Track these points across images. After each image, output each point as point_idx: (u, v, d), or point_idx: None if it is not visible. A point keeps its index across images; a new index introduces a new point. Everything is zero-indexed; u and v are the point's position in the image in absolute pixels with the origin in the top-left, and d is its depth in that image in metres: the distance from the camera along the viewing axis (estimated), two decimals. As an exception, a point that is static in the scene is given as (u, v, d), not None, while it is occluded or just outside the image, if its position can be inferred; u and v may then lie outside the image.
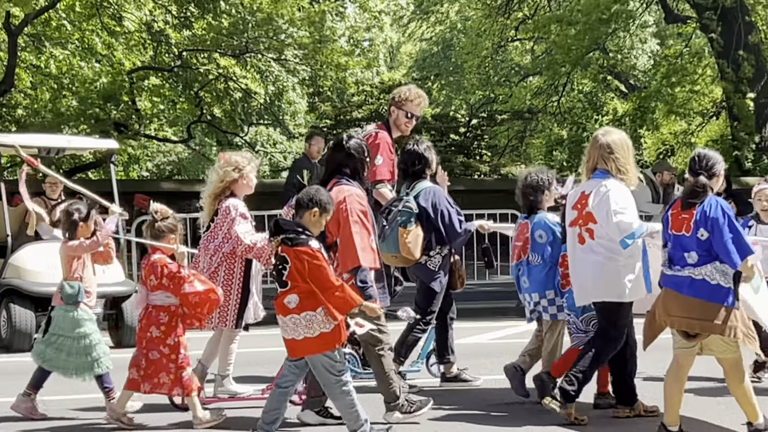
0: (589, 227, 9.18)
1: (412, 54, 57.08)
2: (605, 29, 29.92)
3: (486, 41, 35.39)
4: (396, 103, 10.85)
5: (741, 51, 26.26)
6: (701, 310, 8.21)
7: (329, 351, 8.01)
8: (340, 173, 8.94)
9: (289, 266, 7.96)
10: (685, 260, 8.29)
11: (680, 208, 8.43)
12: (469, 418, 9.43)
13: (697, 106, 33.44)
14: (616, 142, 9.27)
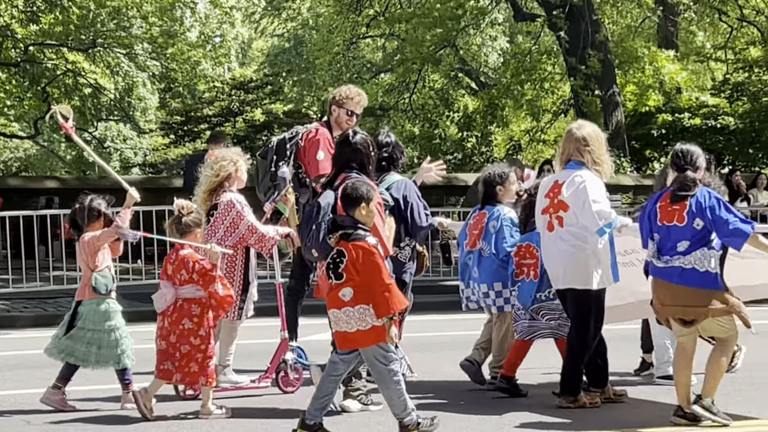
0: (559, 215, 9.47)
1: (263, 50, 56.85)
2: (456, 26, 30.15)
3: (337, 38, 35.39)
4: (337, 102, 11.14)
5: (589, 49, 26.72)
6: (694, 297, 8.66)
7: (381, 343, 8.22)
8: (349, 168, 9.13)
9: (346, 260, 8.23)
10: (675, 249, 8.71)
11: (669, 201, 8.82)
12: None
13: (547, 103, 33.95)
14: (591, 135, 9.58)
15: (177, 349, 9.27)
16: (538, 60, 30.45)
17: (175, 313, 9.32)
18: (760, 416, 9.27)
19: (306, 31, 47.99)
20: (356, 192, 8.44)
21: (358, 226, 8.36)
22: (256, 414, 9.55)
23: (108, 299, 9.67)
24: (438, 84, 40.27)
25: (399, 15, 31.78)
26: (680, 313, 8.78)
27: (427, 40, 29.74)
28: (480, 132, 33.16)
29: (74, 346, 9.60)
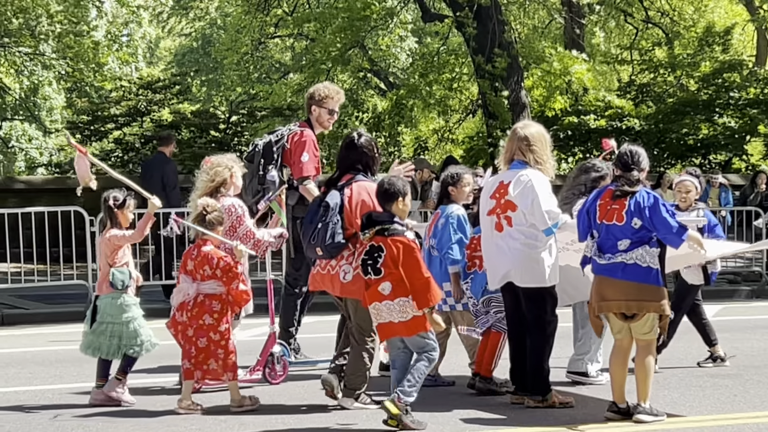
0: (507, 215, 9.55)
1: (171, 49, 56.46)
2: (365, 27, 30.16)
3: (245, 37, 35.16)
4: (317, 102, 11.26)
5: (496, 49, 26.86)
6: (638, 292, 8.84)
7: (422, 332, 8.67)
8: (354, 169, 9.44)
9: (385, 255, 8.60)
10: (616, 248, 8.87)
11: (610, 199, 8.97)
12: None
13: (455, 103, 34.08)
14: (534, 134, 9.68)
15: (193, 343, 9.50)
16: (446, 60, 30.55)
17: (195, 308, 9.55)
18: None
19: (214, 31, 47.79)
20: (393, 187, 8.82)
21: (395, 221, 8.73)
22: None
23: (124, 294, 9.91)
24: (347, 84, 40.25)
25: (307, 15, 31.71)
26: (623, 307, 8.92)
27: (335, 40, 29.69)
28: (388, 132, 33.18)
29: (99, 341, 9.87)
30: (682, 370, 11.46)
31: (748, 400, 9.90)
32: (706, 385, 10.59)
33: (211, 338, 9.50)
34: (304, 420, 9.26)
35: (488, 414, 9.40)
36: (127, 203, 10.03)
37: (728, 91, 31.83)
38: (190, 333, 9.51)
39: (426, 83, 29.63)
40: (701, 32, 35.30)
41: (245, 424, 9.08)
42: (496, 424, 9.05)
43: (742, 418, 9.14)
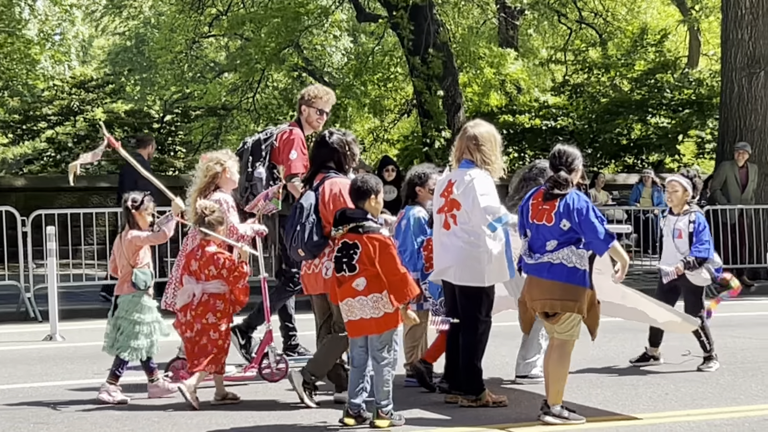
0: (453, 213, 9.56)
1: (105, 48, 56.02)
2: (299, 26, 30.10)
3: (179, 37, 35.02)
4: (306, 102, 11.37)
5: (431, 49, 26.92)
6: (561, 291, 8.80)
7: (391, 330, 8.76)
8: (326, 167, 9.51)
9: (360, 251, 8.67)
10: (545, 248, 8.85)
11: (541, 199, 8.94)
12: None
13: (390, 103, 34.12)
14: (483, 134, 9.65)
15: (195, 343, 9.69)
16: (381, 60, 30.58)
17: (200, 307, 9.71)
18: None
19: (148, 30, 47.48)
20: (366, 184, 8.91)
21: (368, 218, 8.81)
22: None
23: (145, 295, 10.05)
24: (282, 84, 40.15)
25: (242, 15, 31.59)
26: (548, 306, 8.88)
27: (270, 39, 29.60)
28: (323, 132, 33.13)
29: (118, 338, 9.98)
30: (616, 369, 11.52)
31: (679, 398, 9.96)
32: (639, 384, 10.65)
33: (210, 337, 9.69)
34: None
35: (425, 413, 9.40)
36: (144, 204, 10.16)
37: (661, 91, 32.13)
38: (190, 333, 9.71)
39: (360, 83, 29.63)
40: (635, 33, 35.58)
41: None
42: (430, 424, 9.04)
43: (675, 416, 9.21)
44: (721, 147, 21.87)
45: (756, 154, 21.05)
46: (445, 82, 27.60)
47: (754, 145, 21.17)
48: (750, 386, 10.41)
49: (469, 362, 9.58)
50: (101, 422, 9.14)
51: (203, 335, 9.69)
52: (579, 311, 8.82)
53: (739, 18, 21.54)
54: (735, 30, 21.65)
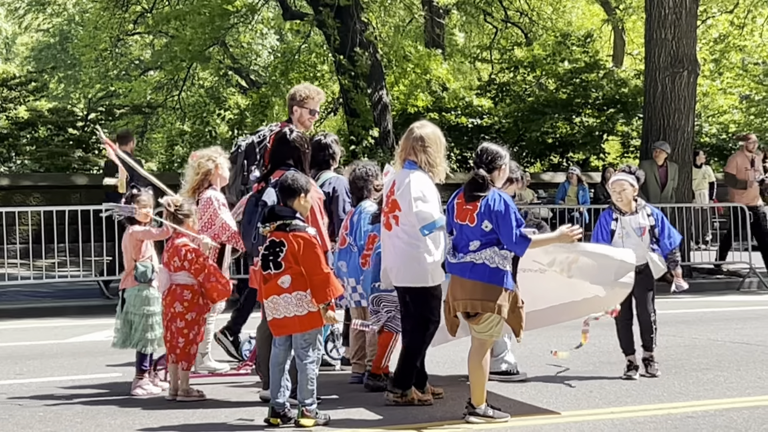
0: (395, 214, 9.56)
1: (28, 45, 55.38)
2: (225, 24, 29.94)
3: (104, 34, 34.71)
4: (298, 102, 11.25)
5: (357, 48, 26.90)
6: (482, 291, 8.79)
7: (314, 329, 8.77)
8: (285, 165, 9.51)
9: (286, 249, 8.70)
10: (468, 248, 8.85)
11: (464, 200, 8.93)
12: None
13: (316, 101, 34.03)
14: (429, 135, 9.60)
15: (168, 329, 9.90)
16: (307, 58, 30.52)
17: (168, 296, 9.94)
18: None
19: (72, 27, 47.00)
20: (296, 183, 8.92)
21: (296, 216, 8.84)
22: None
23: (149, 287, 10.17)
24: (208, 82, 39.94)
25: (167, 12, 31.37)
26: (469, 306, 8.88)
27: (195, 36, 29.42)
28: (251, 131, 33.04)
29: (128, 332, 10.13)
30: (542, 367, 11.57)
31: (603, 396, 10.02)
32: (564, 382, 10.70)
33: (178, 325, 9.86)
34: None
35: (362, 411, 9.43)
36: (136, 199, 10.25)
37: (586, 90, 32.37)
38: (167, 320, 9.91)
39: (287, 81, 29.55)
40: (560, 34, 35.80)
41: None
42: (357, 425, 9.02)
43: (598, 413, 9.26)
44: (645, 146, 22.05)
45: (679, 153, 21.25)
46: (371, 80, 27.59)
47: (677, 144, 21.38)
48: (673, 384, 10.49)
49: (409, 360, 9.58)
50: (24, 423, 9.02)
51: (171, 324, 9.87)
52: (499, 312, 8.81)
53: (663, 18, 21.73)
54: (659, 30, 21.84)
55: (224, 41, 33.74)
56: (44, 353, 12.92)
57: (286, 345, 8.88)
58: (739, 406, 9.47)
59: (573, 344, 11.02)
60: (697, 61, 22.59)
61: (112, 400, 9.84)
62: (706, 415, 9.15)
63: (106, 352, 11.62)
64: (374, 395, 10.02)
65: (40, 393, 10.32)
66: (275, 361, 8.88)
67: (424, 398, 9.68)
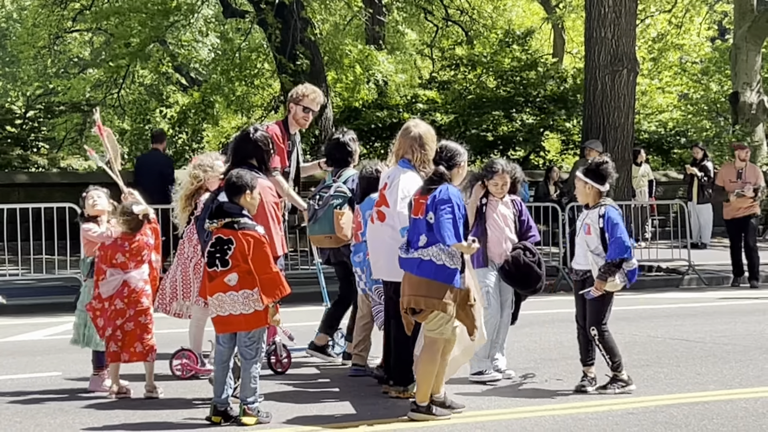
0: (381, 209, 9.75)
1: (-35, 43, 54.78)
2: (165, 22, 29.76)
3: (42, 31, 34.41)
4: (294, 100, 11.58)
5: (298, 45, 26.85)
6: (426, 288, 8.80)
7: (259, 327, 8.78)
8: (246, 164, 9.52)
9: (234, 247, 8.66)
10: (417, 243, 8.88)
11: (420, 194, 9.02)
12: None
13: (257, 99, 33.95)
14: (425, 134, 9.76)
15: (121, 329, 9.83)
16: (248, 57, 30.42)
17: (133, 294, 9.85)
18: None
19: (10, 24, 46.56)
20: (241, 180, 8.89)
21: (244, 214, 8.81)
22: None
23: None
24: (147, 80, 39.69)
25: (106, 11, 31.13)
26: (414, 302, 8.90)
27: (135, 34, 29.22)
28: (192, 129, 32.89)
29: (82, 330, 10.18)
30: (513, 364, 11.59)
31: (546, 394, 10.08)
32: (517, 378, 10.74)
33: (143, 321, 9.85)
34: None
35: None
36: (86, 195, 10.27)
37: (526, 88, 32.51)
38: (121, 320, 9.80)
39: (227, 80, 29.44)
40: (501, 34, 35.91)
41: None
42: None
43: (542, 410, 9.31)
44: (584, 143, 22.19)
45: (618, 150, 21.41)
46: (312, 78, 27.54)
47: (617, 142, 21.55)
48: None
49: (399, 355, 9.72)
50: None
51: (129, 323, 9.81)
52: (443, 309, 8.81)
53: (603, 16, 21.90)
54: (598, 28, 22.01)
55: (164, 39, 33.52)
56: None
57: (231, 343, 8.88)
58: (679, 402, 9.56)
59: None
60: (637, 60, 22.80)
61: (52, 399, 9.77)
62: (647, 411, 9.24)
63: (45, 351, 11.53)
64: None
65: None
66: (219, 358, 8.88)
67: None
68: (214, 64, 31.91)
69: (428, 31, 39.63)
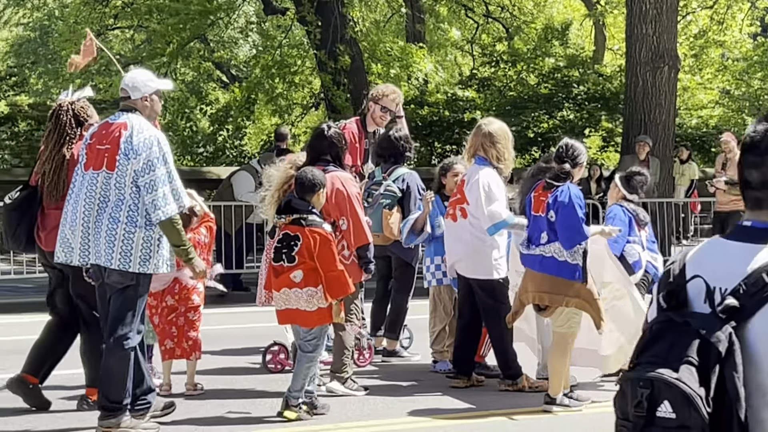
0: (463, 207, 9.92)
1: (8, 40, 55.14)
2: (206, 20, 29.84)
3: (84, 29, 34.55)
4: (373, 99, 11.76)
5: (338, 43, 26.87)
6: (550, 284, 8.99)
7: (321, 325, 8.94)
8: (322, 160, 9.71)
9: (301, 244, 8.77)
10: (539, 240, 9.04)
11: (542, 191, 9.18)
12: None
13: (297, 97, 33.98)
14: (498, 131, 10.00)
15: (175, 323, 10.00)
16: (288, 54, 30.46)
17: (183, 291, 9.96)
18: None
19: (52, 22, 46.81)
20: (315, 178, 9.03)
21: (312, 211, 8.94)
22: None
23: None
24: (189, 77, 39.83)
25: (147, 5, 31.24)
26: (537, 298, 9.11)
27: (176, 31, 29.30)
28: (233, 126, 32.99)
29: None
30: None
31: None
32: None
33: (190, 318, 9.96)
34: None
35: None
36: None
37: (568, 86, 32.39)
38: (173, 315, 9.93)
39: (268, 76, 29.48)
40: (541, 29, 35.79)
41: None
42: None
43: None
44: (626, 141, 22.11)
45: (660, 147, 21.31)
46: (353, 76, 27.55)
47: (658, 139, 21.44)
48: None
49: (501, 349, 9.97)
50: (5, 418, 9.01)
51: (179, 318, 9.94)
52: (567, 305, 9.00)
53: (644, 13, 21.79)
54: (639, 25, 21.90)
55: (205, 36, 33.61)
56: (26, 349, 12.84)
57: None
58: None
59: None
60: (678, 56, 22.67)
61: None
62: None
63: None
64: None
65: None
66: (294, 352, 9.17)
67: (536, 384, 10.04)
68: (255, 61, 31.96)
69: (468, 28, 39.54)
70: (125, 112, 8.53)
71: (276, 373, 10.94)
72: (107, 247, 8.19)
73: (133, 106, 8.53)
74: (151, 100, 8.64)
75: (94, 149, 8.44)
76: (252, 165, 20.13)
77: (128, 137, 8.27)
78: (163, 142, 8.38)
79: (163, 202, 8.16)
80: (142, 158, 8.19)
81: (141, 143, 8.22)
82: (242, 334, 13.34)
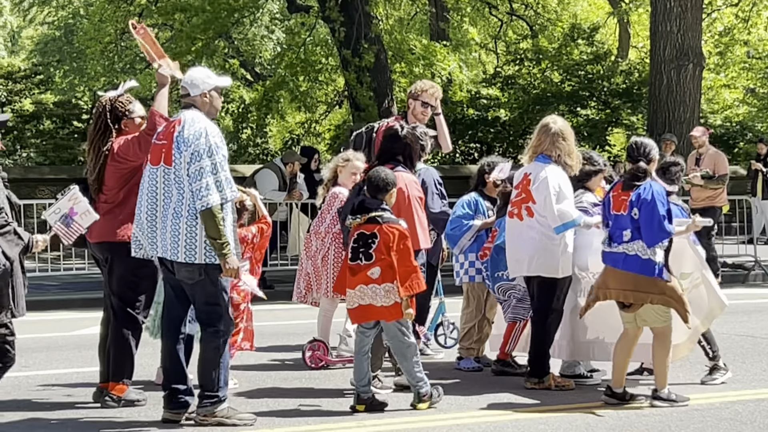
0: (528, 206, 9.91)
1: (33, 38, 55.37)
2: (230, 19, 29.90)
3: (109, 27, 34.66)
4: (413, 95, 11.74)
5: (362, 41, 26.89)
6: (634, 282, 9.06)
7: (402, 319, 8.98)
8: (394, 161, 9.73)
9: (379, 241, 8.90)
10: (621, 238, 9.10)
11: (621, 190, 9.25)
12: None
13: (321, 95, 34.01)
14: (564, 129, 10.05)
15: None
16: (312, 52, 30.47)
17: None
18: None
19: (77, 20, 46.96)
20: (388, 177, 9.14)
21: (385, 209, 9.06)
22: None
23: None
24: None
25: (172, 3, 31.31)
26: (621, 296, 9.19)
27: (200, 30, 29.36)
28: (255, 124, 33.05)
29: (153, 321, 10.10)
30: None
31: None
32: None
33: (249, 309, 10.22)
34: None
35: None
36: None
37: (591, 82, 32.33)
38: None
39: (292, 74, 29.51)
40: (566, 28, 35.71)
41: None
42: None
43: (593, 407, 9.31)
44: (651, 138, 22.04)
45: (684, 145, 21.26)
46: (377, 74, 27.56)
47: (682, 136, 21.39)
48: (677, 376, 10.42)
49: (538, 348, 9.99)
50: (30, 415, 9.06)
51: (246, 311, 10.19)
52: (652, 302, 9.10)
53: (668, 10, 21.77)
54: (664, 22, 21.87)
55: (230, 35, 33.66)
56: (50, 346, 12.96)
57: (371, 332, 9.19)
58: (745, 399, 9.55)
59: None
60: (703, 54, 22.61)
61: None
62: (712, 408, 9.22)
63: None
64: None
65: (46, 383, 10.35)
66: (359, 348, 9.21)
67: (563, 383, 10.07)
68: (279, 59, 32.00)
69: (492, 26, 39.49)
70: (185, 109, 8.77)
71: (315, 369, 11.01)
72: (172, 241, 8.48)
73: (192, 103, 8.74)
74: (210, 96, 8.85)
75: (156, 146, 8.77)
76: (275, 163, 20.17)
77: (180, 131, 8.54)
78: (212, 134, 8.55)
79: (205, 192, 8.34)
80: (190, 150, 8.42)
81: (191, 135, 8.46)
82: (269, 331, 13.36)
